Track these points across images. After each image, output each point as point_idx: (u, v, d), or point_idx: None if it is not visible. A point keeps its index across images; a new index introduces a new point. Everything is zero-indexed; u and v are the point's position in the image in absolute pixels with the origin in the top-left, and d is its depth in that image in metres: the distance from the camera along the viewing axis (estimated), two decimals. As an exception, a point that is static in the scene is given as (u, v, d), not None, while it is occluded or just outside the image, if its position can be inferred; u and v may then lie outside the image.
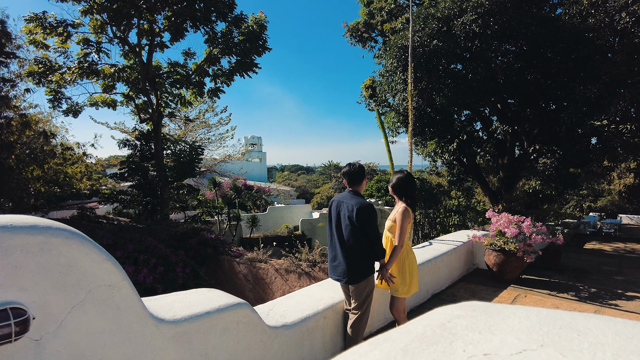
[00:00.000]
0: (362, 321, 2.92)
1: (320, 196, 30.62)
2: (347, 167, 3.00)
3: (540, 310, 0.69)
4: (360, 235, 2.75)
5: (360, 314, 2.90)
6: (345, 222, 2.80)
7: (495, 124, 11.28)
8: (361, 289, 2.88)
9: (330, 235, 2.95)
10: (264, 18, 10.35)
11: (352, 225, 2.75)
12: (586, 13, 7.51)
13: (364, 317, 2.92)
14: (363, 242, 2.78)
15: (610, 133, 7.32)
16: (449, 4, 8.13)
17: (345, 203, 2.85)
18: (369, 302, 2.94)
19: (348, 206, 2.81)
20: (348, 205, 2.82)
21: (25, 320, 1.35)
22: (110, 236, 6.73)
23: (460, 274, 5.68)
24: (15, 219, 1.41)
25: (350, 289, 2.93)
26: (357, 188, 2.94)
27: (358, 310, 2.89)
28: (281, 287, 6.04)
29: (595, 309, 4.36)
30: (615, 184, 20.81)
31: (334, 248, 2.92)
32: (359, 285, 2.86)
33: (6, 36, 9.55)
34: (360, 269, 2.81)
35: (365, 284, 2.87)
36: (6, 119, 9.99)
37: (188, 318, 1.98)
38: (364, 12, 12.94)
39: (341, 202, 2.90)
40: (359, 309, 2.89)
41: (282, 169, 73.49)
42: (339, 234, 2.87)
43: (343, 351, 0.59)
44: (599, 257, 7.82)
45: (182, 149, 11.07)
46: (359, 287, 2.87)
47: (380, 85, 10.13)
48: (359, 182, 2.94)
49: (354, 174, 2.94)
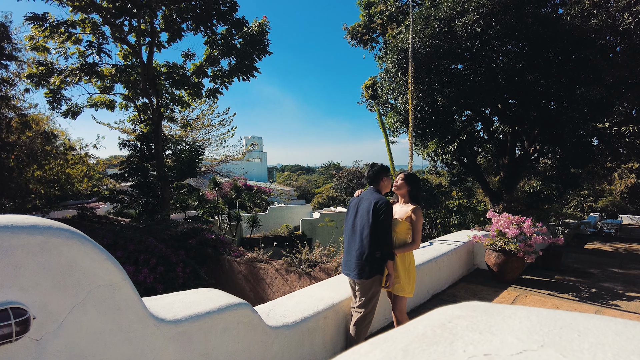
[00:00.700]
0: (365, 320, 2.93)
1: (321, 196, 30.62)
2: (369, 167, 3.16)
3: (541, 310, 0.69)
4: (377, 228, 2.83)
5: (364, 313, 2.91)
6: (364, 216, 2.90)
7: (496, 124, 11.28)
8: (367, 287, 2.90)
9: (348, 230, 3.06)
10: (266, 23, 10.37)
11: (368, 220, 2.85)
12: (588, 14, 7.49)
13: (367, 316, 2.93)
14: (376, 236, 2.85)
15: (613, 134, 7.31)
16: (450, 4, 8.12)
17: (366, 198, 2.98)
18: (374, 303, 2.95)
19: (368, 201, 2.93)
20: (368, 200, 2.94)
21: (26, 320, 1.35)
22: (111, 236, 6.73)
23: (460, 274, 5.67)
24: (16, 218, 1.42)
25: (358, 285, 2.96)
26: (377, 186, 3.06)
27: (363, 309, 2.91)
28: (281, 287, 6.04)
29: (595, 310, 4.35)
30: (616, 184, 20.79)
31: (349, 242, 3.02)
32: (366, 282, 2.88)
33: (7, 40, 9.58)
34: (370, 265, 2.85)
35: (372, 282, 2.89)
36: (6, 119, 10.01)
37: (188, 318, 1.98)
38: (364, 15, 12.95)
39: (362, 198, 3.04)
40: (364, 307, 2.91)
41: (283, 169, 73.53)
42: (354, 229, 2.98)
43: (344, 351, 0.59)
44: (599, 258, 7.80)
45: (183, 149, 11.08)
46: (365, 284, 2.89)
47: (381, 86, 10.13)
48: (377, 181, 3.05)
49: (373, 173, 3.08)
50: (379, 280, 2.93)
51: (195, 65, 10.81)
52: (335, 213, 16.53)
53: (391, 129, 11.05)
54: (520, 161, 9.97)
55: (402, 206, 3.17)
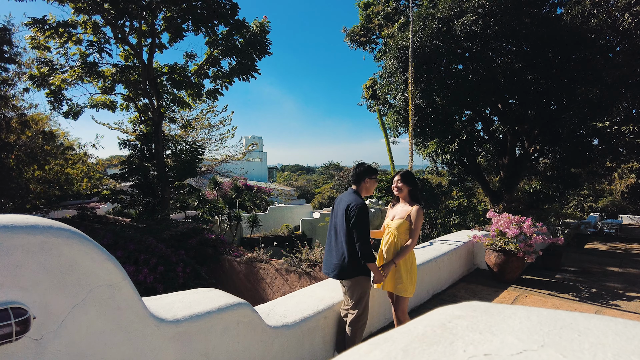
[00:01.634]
0: (359, 322, 2.91)
1: (321, 196, 30.62)
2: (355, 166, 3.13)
3: (541, 310, 0.69)
4: (351, 232, 2.82)
5: (357, 314, 2.90)
6: (340, 218, 2.90)
7: (496, 124, 11.28)
8: (352, 287, 2.89)
9: (330, 231, 3.08)
10: (267, 23, 10.36)
11: (343, 221, 2.86)
12: (588, 14, 7.49)
13: (361, 318, 2.91)
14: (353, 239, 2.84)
15: (613, 134, 7.32)
16: (449, 5, 8.13)
17: (343, 200, 2.96)
18: (365, 304, 2.94)
19: (344, 203, 2.92)
20: (344, 202, 2.93)
21: (26, 320, 1.35)
22: (111, 236, 6.73)
23: (461, 274, 5.68)
24: (16, 218, 1.42)
25: (344, 287, 2.96)
26: (357, 188, 3.03)
27: (355, 310, 2.91)
28: (281, 287, 6.04)
29: (596, 310, 4.35)
30: (616, 184, 20.79)
31: (329, 243, 3.04)
32: (350, 283, 2.88)
33: (8, 43, 9.60)
34: (350, 265, 2.85)
35: (355, 282, 2.88)
36: (6, 118, 10.00)
37: (188, 318, 1.98)
38: (362, 16, 12.96)
39: (341, 199, 3.02)
40: (356, 308, 2.90)
41: (283, 169, 73.52)
42: (334, 230, 3.00)
43: (335, 352, 0.59)
44: (599, 258, 7.80)
45: (183, 148, 11.08)
46: (350, 286, 2.90)
47: (381, 86, 10.13)
48: (358, 182, 3.02)
49: (355, 173, 3.05)
50: (364, 281, 2.90)
51: (197, 65, 10.81)
52: (336, 213, 16.48)
53: (391, 129, 11.05)
54: (520, 161, 9.97)
55: (403, 206, 3.16)
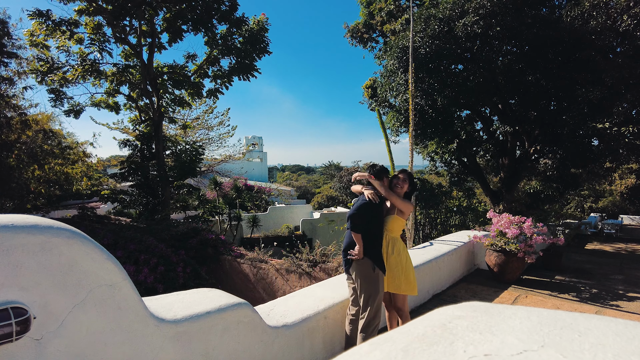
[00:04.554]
0: (370, 327, 2.80)
1: (321, 196, 30.59)
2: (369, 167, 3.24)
3: (541, 310, 0.69)
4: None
5: (367, 318, 2.79)
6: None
7: (496, 124, 11.27)
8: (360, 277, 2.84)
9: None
10: (265, 20, 10.36)
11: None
12: (588, 15, 7.49)
13: (372, 322, 2.81)
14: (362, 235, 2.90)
15: (613, 135, 7.32)
16: (450, 5, 8.13)
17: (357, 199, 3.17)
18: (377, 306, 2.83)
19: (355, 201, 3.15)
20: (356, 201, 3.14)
21: (26, 319, 1.35)
22: (111, 236, 6.74)
23: (461, 275, 5.67)
24: (16, 218, 1.42)
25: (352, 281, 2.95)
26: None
27: (364, 312, 2.80)
28: (282, 287, 6.04)
29: (596, 310, 4.35)
30: (616, 185, 20.79)
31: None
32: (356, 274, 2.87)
33: (7, 36, 9.57)
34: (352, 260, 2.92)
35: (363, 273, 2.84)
36: (6, 118, 10.00)
37: (188, 318, 1.98)
38: (364, 13, 12.95)
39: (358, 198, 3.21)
40: (365, 309, 2.81)
41: (283, 169, 73.53)
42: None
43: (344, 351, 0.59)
44: (600, 258, 7.80)
45: (183, 149, 11.09)
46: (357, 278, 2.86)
47: (381, 85, 10.13)
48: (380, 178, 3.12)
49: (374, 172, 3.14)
50: (370, 278, 2.83)
51: (197, 65, 10.82)
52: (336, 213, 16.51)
53: (391, 129, 11.04)
54: (521, 161, 9.97)
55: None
